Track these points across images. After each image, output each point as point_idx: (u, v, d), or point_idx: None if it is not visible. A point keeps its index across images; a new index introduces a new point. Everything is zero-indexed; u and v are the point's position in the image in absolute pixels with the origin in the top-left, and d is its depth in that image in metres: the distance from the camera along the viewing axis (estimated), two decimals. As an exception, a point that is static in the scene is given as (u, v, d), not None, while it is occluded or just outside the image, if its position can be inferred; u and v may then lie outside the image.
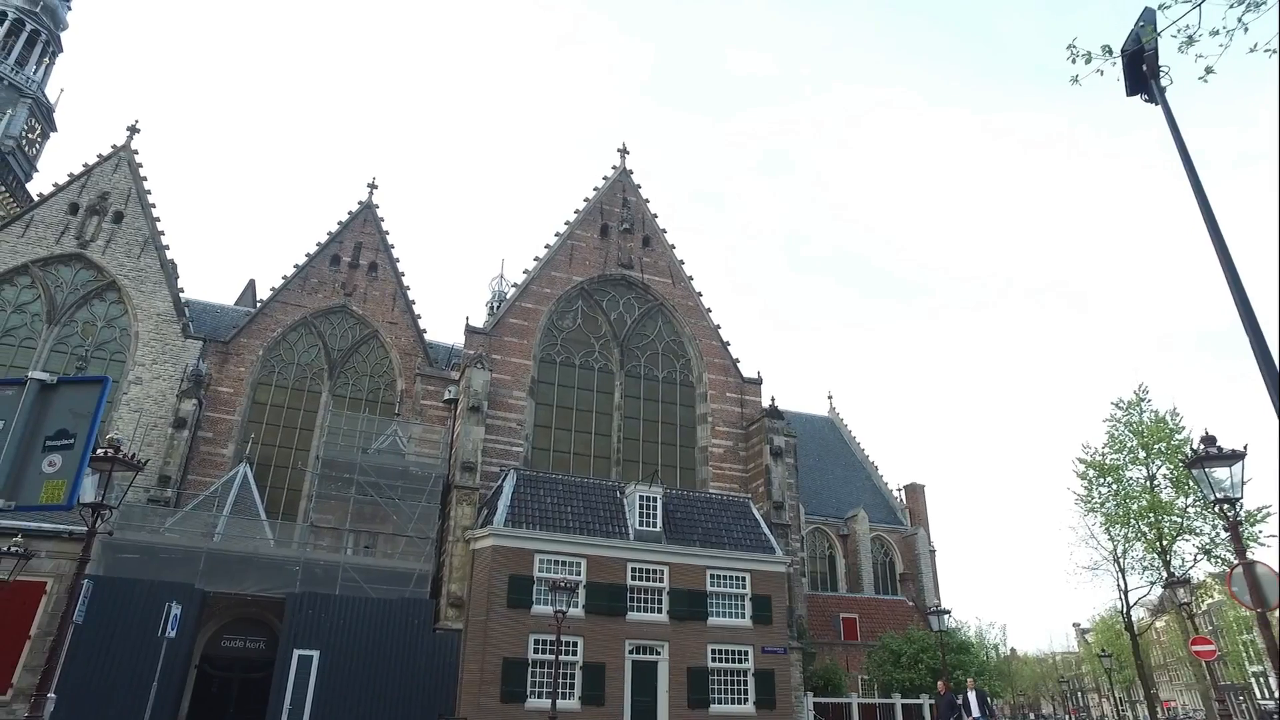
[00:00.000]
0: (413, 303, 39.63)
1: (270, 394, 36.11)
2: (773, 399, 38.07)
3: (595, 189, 41.01)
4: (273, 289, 37.93)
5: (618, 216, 40.57)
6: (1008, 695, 75.15)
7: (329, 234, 39.87)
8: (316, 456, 32.67)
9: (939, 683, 26.18)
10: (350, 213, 40.90)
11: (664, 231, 41.39)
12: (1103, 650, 50.53)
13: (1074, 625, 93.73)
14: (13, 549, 17.99)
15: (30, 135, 58.09)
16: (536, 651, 26.24)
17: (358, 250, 40.00)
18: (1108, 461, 32.70)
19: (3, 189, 52.61)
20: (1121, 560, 32.70)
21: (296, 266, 38.52)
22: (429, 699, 25.47)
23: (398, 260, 40.52)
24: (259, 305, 38.24)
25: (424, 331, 39.28)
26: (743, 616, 29.61)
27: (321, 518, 30.47)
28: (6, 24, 57.63)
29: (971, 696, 22.43)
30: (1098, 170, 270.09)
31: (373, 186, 42.01)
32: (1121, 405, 33.27)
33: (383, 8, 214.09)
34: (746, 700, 28.45)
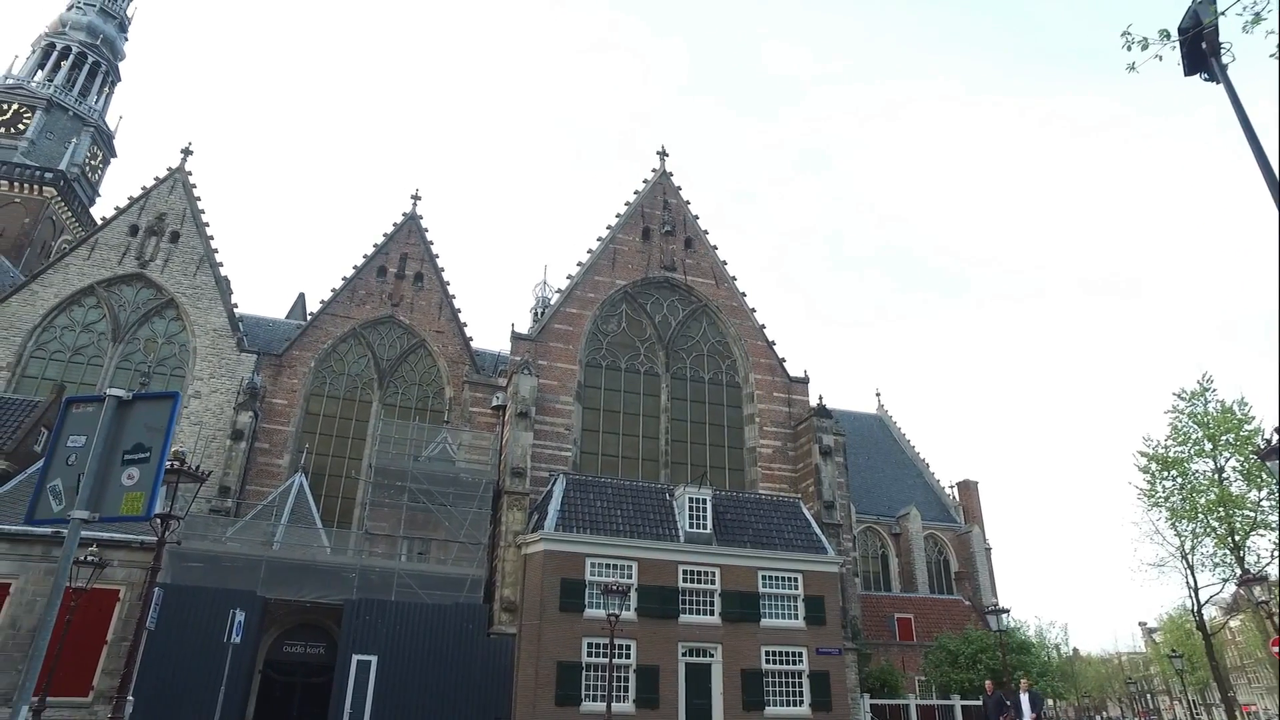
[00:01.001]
0: (458, 311, 40.18)
1: (323, 404, 36.91)
2: (820, 398, 37.69)
3: (636, 192, 41.11)
4: (322, 302, 38.79)
5: (659, 219, 40.61)
6: (1071, 697, 73.05)
7: (375, 246, 40.65)
8: (369, 465, 33.29)
9: (986, 683, 25.51)
10: (395, 224, 41.66)
11: (705, 233, 41.30)
12: (1172, 651, 48.83)
13: (1140, 625, 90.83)
14: (89, 558, 18.69)
15: (93, 162, 60.41)
16: (590, 655, 26.32)
17: (403, 261, 40.70)
18: (1171, 454, 31.59)
19: (69, 215, 54.80)
20: (1190, 557, 31.54)
21: (344, 279, 39.34)
22: (485, 702, 25.73)
23: (442, 270, 41.13)
24: (309, 318, 39.14)
25: (470, 339, 39.78)
26: (796, 618, 29.32)
27: (375, 525, 31.00)
28: (70, 58, 60.03)
29: (1024, 698, 21.54)
30: (1149, 153, 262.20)
31: (416, 198, 42.73)
32: (1184, 396, 32.12)
33: (421, 23, 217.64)
34: (802, 702, 28.16)
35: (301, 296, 51.38)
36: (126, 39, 66.11)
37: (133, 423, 5.82)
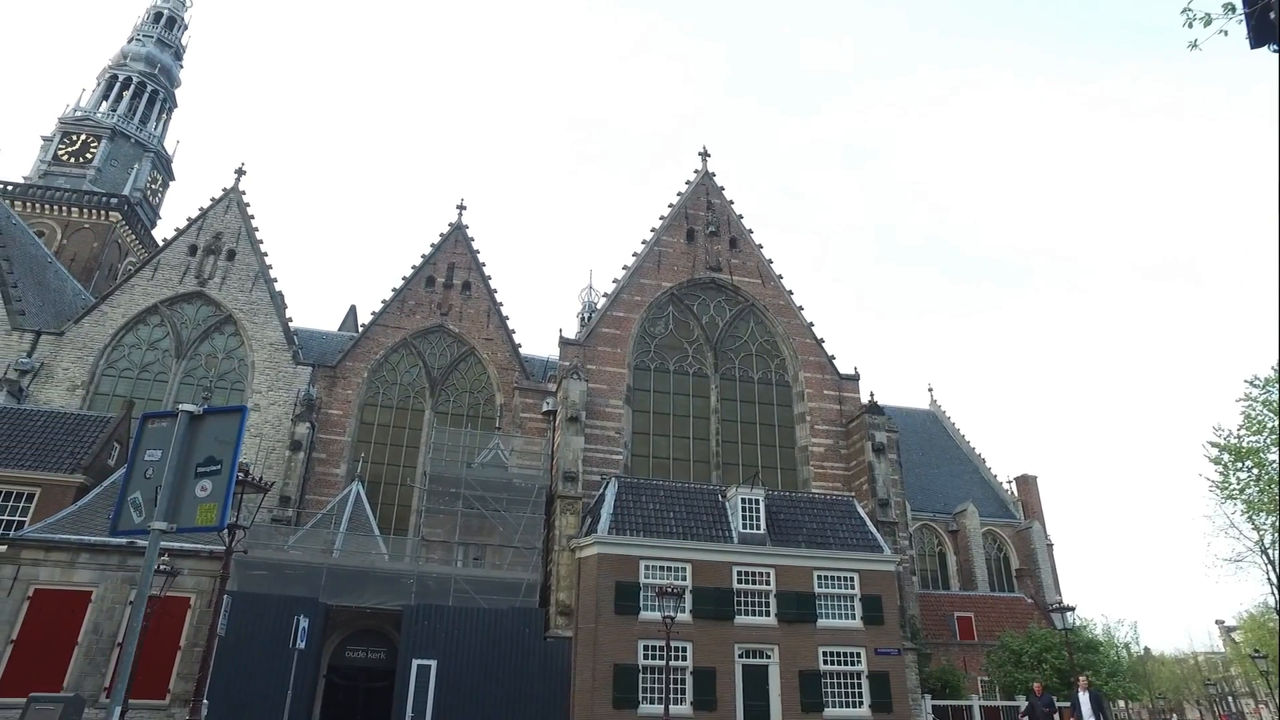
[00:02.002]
0: (506, 318, 40.64)
1: (376, 414, 37.65)
2: (871, 394, 37.17)
3: (679, 194, 41.12)
4: (373, 313, 39.59)
5: (703, 220, 40.54)
6: (1145, 698, 70.50)
7: (423, 257, 41.36)
8: (423, 472, 33.84)
9: (1034, 684, 24.67)
10: (441, 235, 42.34)
11: (750, 232, 41.11)
12: (1255, 650, 46.70)
13: (1217, 623, 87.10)
14: (161, 567, 19.37)
15: (153, 186, 62.76)
16: (646, 657, 26.32)
17: (451, 271, 41.32)
18: (1245, 444, 30.31)
19: (133, 237, 56.98)
20: (1270, 551, 30.23)
21: (394, 290, 40.10)
22: (543, 705, 25.93)
23: (489, 278, 41.65)
24: (361, 330, 39.98)
25: (519, 346, 40.20)
26: (853, 618, 28.94)
27: (431, 531, 31.49)
28: (131, 88, 62.52)
29: (1084, 697, 20.06)
30: (1209, 134, 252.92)
31: (461, 208, 43.37)
32: (1257, 383, 30.77)
33: (463, 36, 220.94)
34: (861, 703, 27.76)
35: (353, 309, 52.59)
36: (182, 66, 68.54)
37: (204, 436, 6.04)
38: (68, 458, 27.34)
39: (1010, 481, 53.57)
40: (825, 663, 27.91)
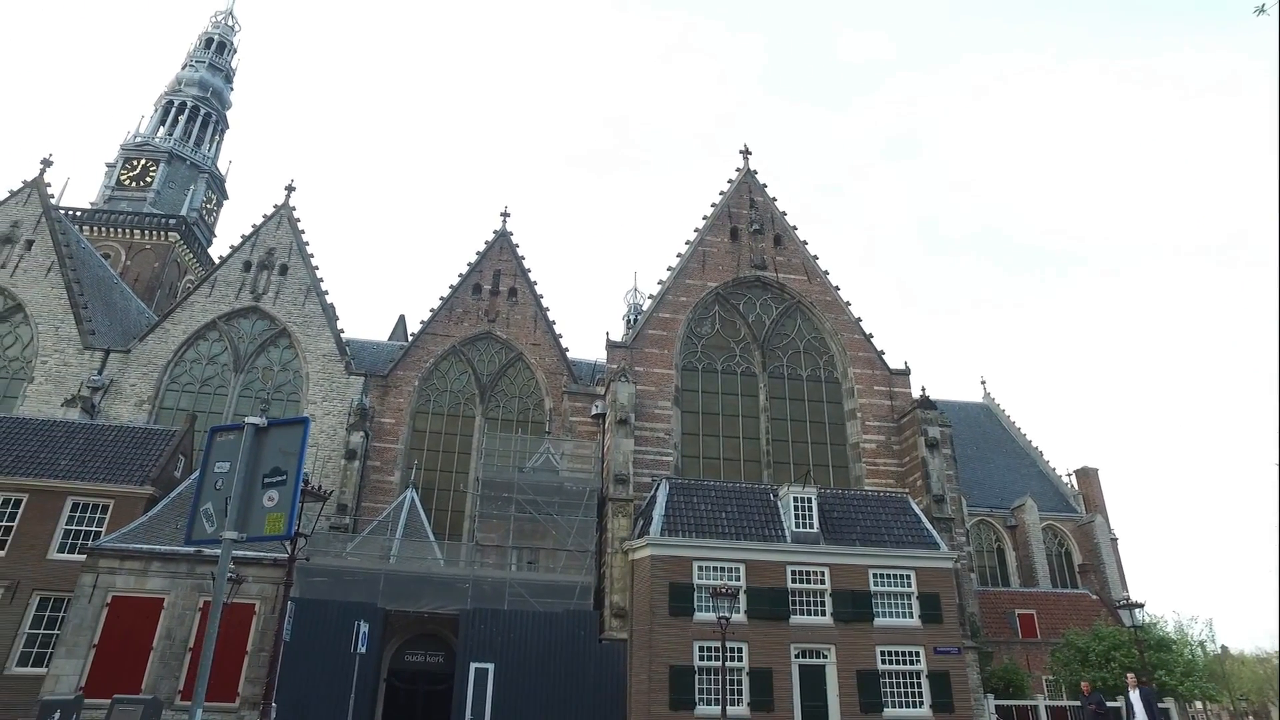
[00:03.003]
0: (553, 323, 40.93)
1: (428, 421, 38.23)
2: (923, 389, 36.59)
3: (721, 193, 41.00)
4: (422, 322, 40.22)
5: (746, 218, 40.37)
6: (1224, 699, 67.82)
7: (469, 264, 41.90)
8: (476, 478, 34.28)
9: (1082, 683, 23.80)
10: (486, 242, 42.84)
11: (794, 228, 40.79)
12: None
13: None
14: (228, 574, 19.94)
15: (208, 205, 64.89)
16: (702, 658, 26.28)
17: (497, 277, 41.78)
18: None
19: (191, 256, 58.99)
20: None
21: (441, 299, 40.67)
22: (600, 707, 26.07)
23: (535, 283, 42.00)
24: (411, 338, 40.66)
25: (566, 350, 40.46)
26: (911, 616, 28.50)
27: (485, 536, 31.87)
28: (186, 112, 64.82)
29: (1135, 696, 19.07)
30: (1263, 105, 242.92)
31: (505, 215, 43.84)
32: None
33: (502, 43, 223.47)
34: (922, 703, 27.31)
35: (402, 318, 53.61)
36: (232, 89, 70.76)
37: (269, 448, 6.21)
38: (137, 470, 28.36)
39: (1070, 474, 52.16)
40: (883, 662, 27.54)
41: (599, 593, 29.43)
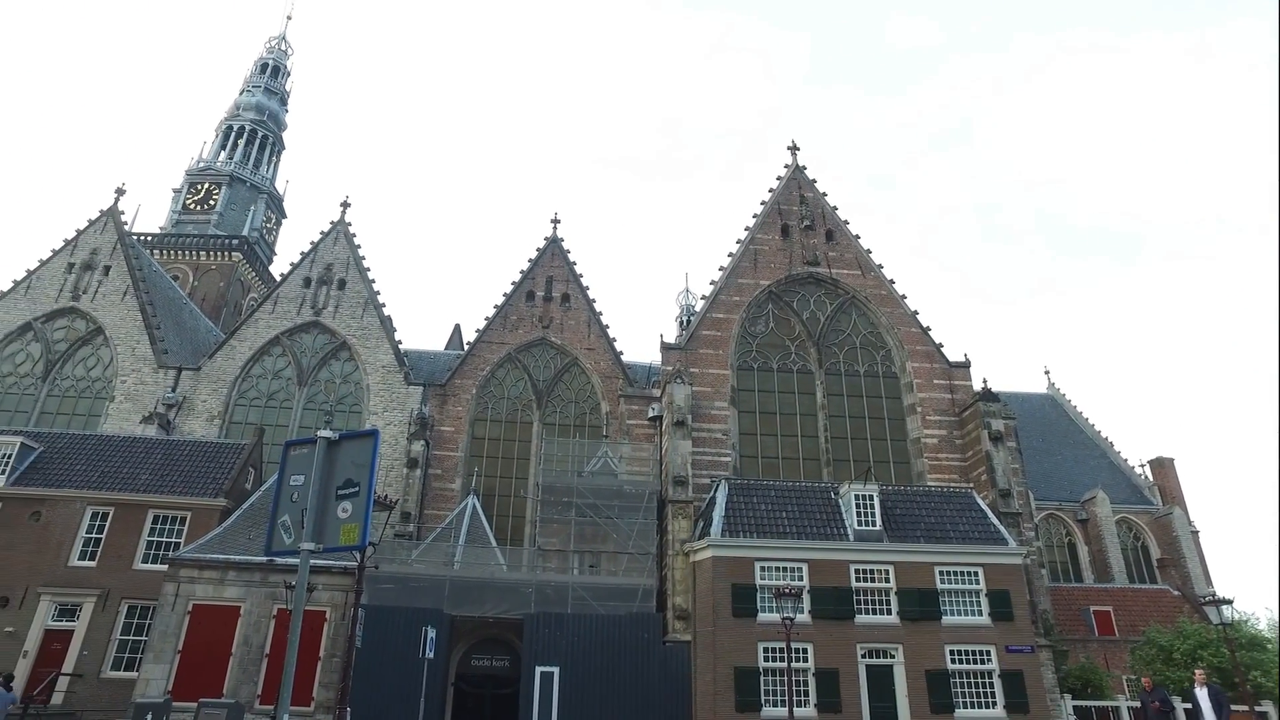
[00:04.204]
0: (607, 327, 41.14)
1: (486, 428, 38.78)
2: (984, 381, 35.73)
3: (770, 190, 40.73)
4: (477, 331, 40.85)
5: (797, 215, 40.00)
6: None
7: (521, 272, 42.40)
8: (535, 483, 34.63)
9: (1143, 679, 22.68)
10: (538, 249, 43.31)
11: (846, 223, 40.29)
12: None
13: None
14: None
15: (268, 225, 67.03)
16: (766, 659, 26.08)
17: (549, 284, 42.19)
18: None
19: (253, 274, 60.98)
20: None
21: (496, 307, 41.24)
22: (665, 710, 26.05)
23: (587, 288, 42.28)
24: (467, 347, 41.33)
25: (621, 353, 40.62)
26: (980, 614, 27.82)
27: (547, 541, 32.15)
28: (244, 135, 67.15)
29: (1202, 694, 18.02)
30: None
31: (555, 221, 44.24)
32: None
33: (545, 52, 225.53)
34: (995, 704, 26.61)
35: (457, 327, 54.49)
36: (287, 110, 73.04)
37: (341, 460, 6.35)
38: (211, 483, 29.46)
39: (1143, 465, 50.27)
40: (953, 661, 26.93)
41: (661, 595, 29.45)
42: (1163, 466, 49.34)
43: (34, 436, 30.69)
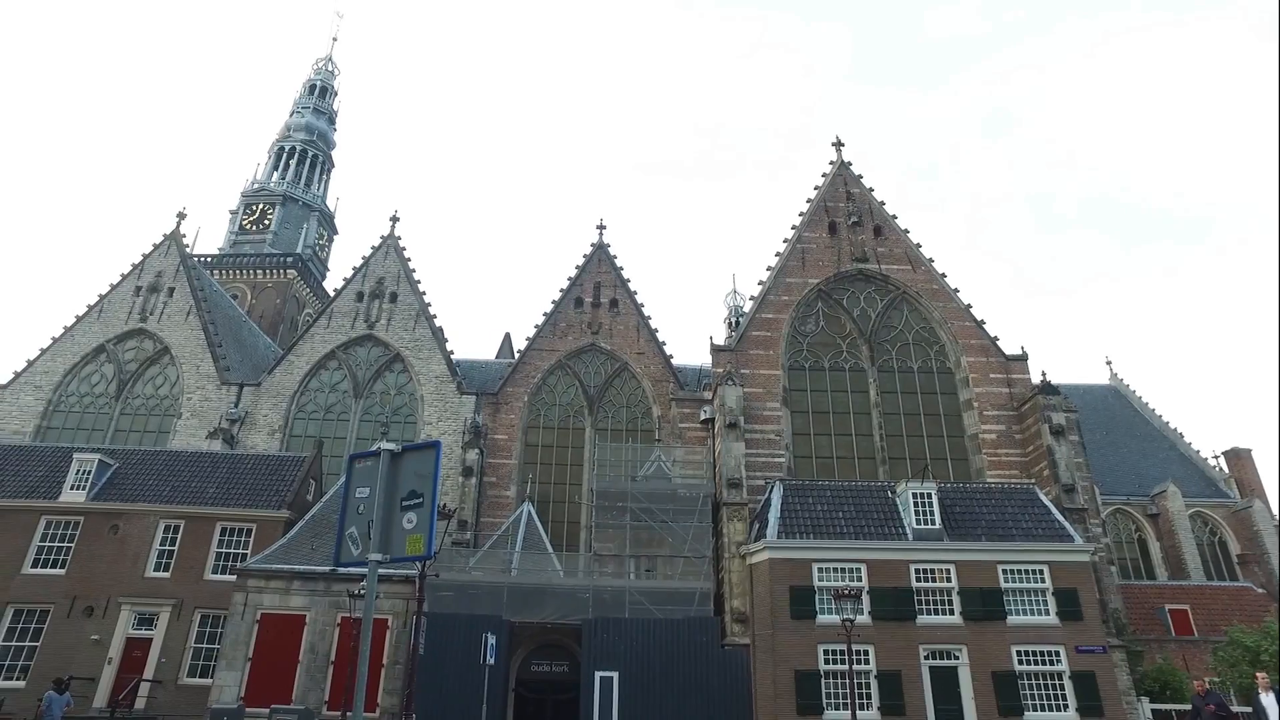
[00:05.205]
0: (655, 331, 41.16)
1: (539, 435, 39.11)
2: (1043, 374, 34.81)
3: (816, 188, 40.35)
4: (527, 339, 41.23)
5: (843, 211, 39.56)
6: None
7: (569, 279, 42.70)
8: (590, 489, 34.79)
9: (1195, 682, 21.59)
10: (584, 256, 43.57)
11: (894, 217, 39.69)
12: None
13: None
14: (361, 592, 20.99)
15: (320, 241, 68.73)
16: (827, 662, 25.73)
17: (597, 290, 42.39)
18: None
19: (308, 290, 62.57)
20: None
21: (545, 315, 41.57)
22: (726, 713, 25.88)
23: (635, 292, 42.36)
24: (517, 356, 41.74)
25: (671, 357, 40.59)
26: (1047, 613, 27.05)
27: (602, 546, 32.25)
28: (295, 155, 69.09)
29: (1269, 700, 16.91)
30: None
31: (601, 227, 44.48)
32: None
33: (583, 62, 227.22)
34: (1066, 706, 25.81)
35: (507, 336, 55.13)
36: (335, 129, 74.88)
37: (405, 472, 6.45)
38: (274, 496, 30.30)
39: (1217, 456, 48.29)
40: (1020, 662, 26.22)
41: (718, 598, 29.31)
42: (1239, 458, 47.33)
43: (110, 453, 32.00)
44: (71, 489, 29.78)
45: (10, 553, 28.41)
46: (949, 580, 27.28)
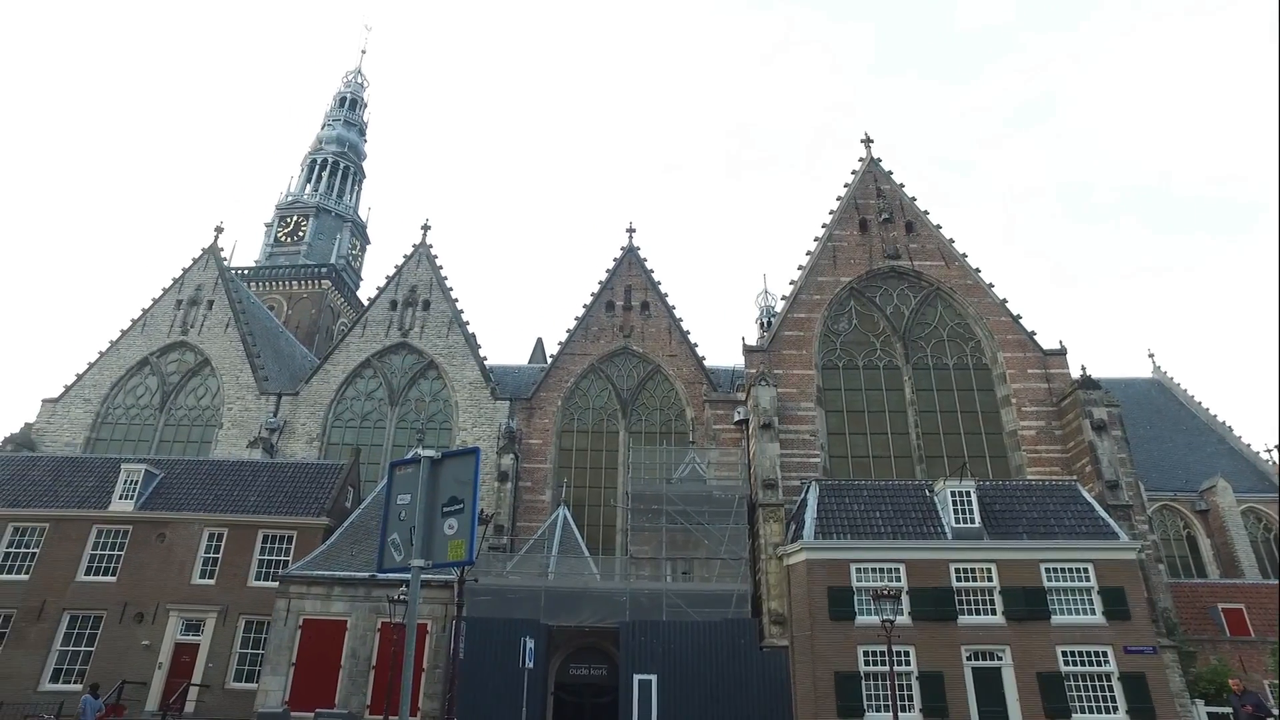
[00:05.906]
0: (687, 333, 41.12)
1: (573, 439, 39.26)
2: (1083, 368, 34.16)
3: (845, 185, 40.04)
4: (559, 343, 41.42)
5: (874, 208, 39.20)
6: None
7: (600, 283, 42.82)
8: (625, 492, 34.82)
9: (1231, 680, 20.92)
10: (615, 259, 43.67)
11: (926, 213, 39.23)
12: None
13: None
14: (402, 596, 21.22)
15: (353, 252, 69.73)
16: (867, 664, 25.48)
17: (628, 293, 42.47)
18: None
19: (342, 300, 63.49)
20: None
21: (576, 319, 41.73)
22: (765, 715, 25.71)
23: (666, 295, 42.36)
24: (550, 360, 41.94)
25: (703, 359, 40.51)
26: (1093, 613, 26.49)
27: (638, 549, 32.25)
28: (327, 167, 70.22)
29: None
30: None
31: (631, 230, 44.55)
32: None
33: (612, 67, 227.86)
34: (1115, 708, 25.23)
35: (539, 341, 55.43)
36: (365, 140, 75.97)
37: (445, 478, 6.49)
38: (314, 503, 30.78)
39: (1269, 450, 46.89)
40: (1066, 663, 25.70)
41: (756, 600, 29.16)
42: (1291, 451, 45.95)
43: (155, 464, 32.76)
44: (120, 499, 30.59)
45: (65, 561, 29.34)
46: (990, 580, 26.87)
